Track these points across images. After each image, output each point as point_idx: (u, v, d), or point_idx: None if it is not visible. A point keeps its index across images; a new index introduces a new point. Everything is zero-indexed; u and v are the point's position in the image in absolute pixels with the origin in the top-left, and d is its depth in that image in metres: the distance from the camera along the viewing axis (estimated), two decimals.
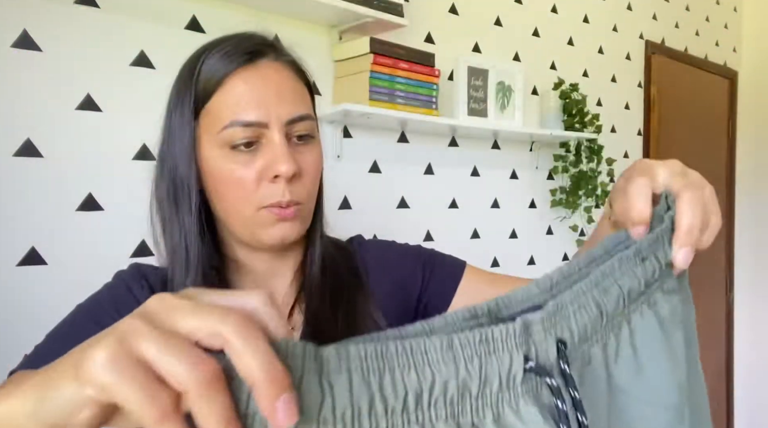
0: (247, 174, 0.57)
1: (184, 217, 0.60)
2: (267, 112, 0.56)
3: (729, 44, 2.86)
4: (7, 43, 0.99)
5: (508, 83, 1.67)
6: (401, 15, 1.38)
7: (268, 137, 0.57)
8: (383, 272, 0.71)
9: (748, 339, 2.91)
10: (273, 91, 0.57)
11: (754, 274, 2.87)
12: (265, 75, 0.58)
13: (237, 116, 0.56)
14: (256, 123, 0.56)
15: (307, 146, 0.60)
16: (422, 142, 1.61)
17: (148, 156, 1.14)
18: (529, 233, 1.91)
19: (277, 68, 0.59)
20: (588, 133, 1.88)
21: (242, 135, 0.56)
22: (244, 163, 0.57)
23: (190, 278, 0.60)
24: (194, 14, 1.19)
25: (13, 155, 1.00)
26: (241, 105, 0.56)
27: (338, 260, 0.69)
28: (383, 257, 0.73)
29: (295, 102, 0.59)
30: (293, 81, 0.60)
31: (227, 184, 0.58)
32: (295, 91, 0.60)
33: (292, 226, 0.59)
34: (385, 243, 0.77)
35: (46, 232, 1.03)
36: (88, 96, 1.07)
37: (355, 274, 0.69)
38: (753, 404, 2.90)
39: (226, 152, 0.57)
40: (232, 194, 0.58)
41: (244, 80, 0.57)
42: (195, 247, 0.60)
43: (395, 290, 0.70)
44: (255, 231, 0.59)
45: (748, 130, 2.89)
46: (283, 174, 0.56)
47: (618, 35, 2.23)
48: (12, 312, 1.00)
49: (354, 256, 0.72)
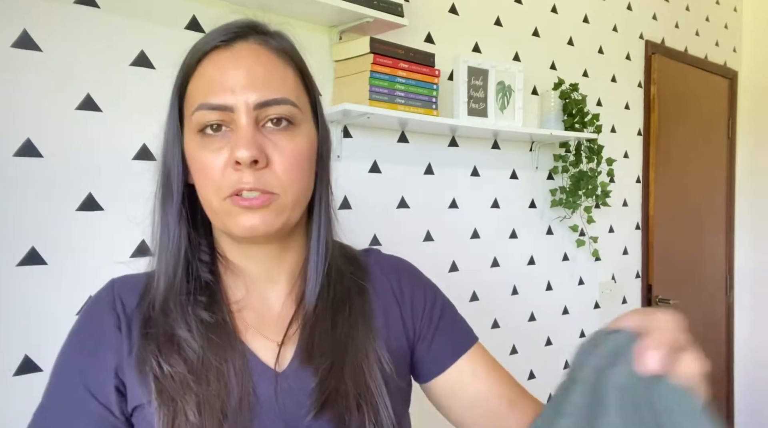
0: (214, 161, 0.54)
1: (167, 206, 0.59)
2: (233, 94, 0.53)
3: (729, 44, 2.86)
4: (7, 43, 0.99)
5: (508, 83, 1.67)
6: (401, 15, 1.38)
7: (235, 122, 0.54)
8: (392, 302, 0.66)
9: (748, 339, 2.91)
10: (242, 73, 0.54)
11: (754, 274, 2.87)
12: (237, 57, 0.55)
13: (204, 99, 0.54)
14: (222, 106, 0.53)
15: (285, 133, 0.56)
16: (422, 142, 1.61)
17: (148, 156, 1.14)
18: (529, 233, 1.91)
19: (254, 50, 0.56)
20: (588, 133, 1.88)
21: (209, 119, 0.54)
22: (212, 149, 0.54)
23: (172, 267, 0.58)
24: (194, 14, 1.19)
25: (13, 155, 1.00)
26: (209, 88, 0.54)
27: (345, 274, 0.65)
28: (399, 287, 0.68)
29: (269, 85, 0.55)
30: (273, 64, 0.56)
31: (198, 172, 0.56)
32: (272, 74, 0.56)
33: (262, 216, 0.54)
34: (404, 268, 0.72)
35: (46, 232, 1.03)
36: (88, 96, 1.07)
37: (360, 293, 0.64)
38: (753, 404, 2.90)
39: (198, 138, 0.55)
40: (202, 183, 0.56)
41: (214, 63, 0.55)
42: (175, 236, 0.58)
43: (396, 325, 0.66)
44: (225, 222, 0.56)
45: (748, 130, 2.89)
46: (241, 160, 0.52)
47: (618, 35, 2.23)
48: (12, 312, 1.00)
49: (365, 272, 0.67)
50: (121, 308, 0.58)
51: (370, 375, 0.58)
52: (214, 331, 0.57)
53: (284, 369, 0.58)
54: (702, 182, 2.67)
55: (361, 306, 0.63)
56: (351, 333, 0.60)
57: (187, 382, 0.53)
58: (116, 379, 0.55)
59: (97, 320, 0.58)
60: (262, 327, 0.60)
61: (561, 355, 2.04)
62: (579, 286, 2.11)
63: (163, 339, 0.55)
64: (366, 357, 0.59)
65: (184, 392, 0.53)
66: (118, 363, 0.56)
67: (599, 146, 1.96)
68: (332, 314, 0.61)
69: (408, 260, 0.74)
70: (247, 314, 0.61)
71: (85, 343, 0.57)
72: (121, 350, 0.56)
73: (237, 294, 0.62)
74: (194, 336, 0.56)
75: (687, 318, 0.52)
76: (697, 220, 2.67)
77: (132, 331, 0.57)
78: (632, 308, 2.34)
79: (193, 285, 0.59)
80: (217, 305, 0.59)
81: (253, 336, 0.59)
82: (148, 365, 0.54)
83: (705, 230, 2.72)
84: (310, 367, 0.58)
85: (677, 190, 2.51)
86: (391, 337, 0.64)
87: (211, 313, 0.58)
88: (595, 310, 2.17)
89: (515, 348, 1.88)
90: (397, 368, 0.63)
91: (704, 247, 2.71)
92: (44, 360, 1.03)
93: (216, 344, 0.56)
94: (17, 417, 1.00)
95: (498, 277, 1.82)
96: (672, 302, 2.41)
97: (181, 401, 0.52)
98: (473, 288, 1.74)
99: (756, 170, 2.85)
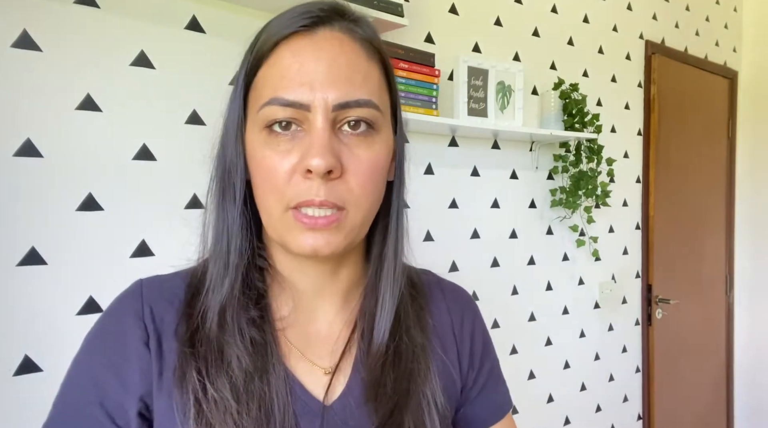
0: (280, 164, 0.47)
1: (229, 207, 0.52)
2: (311, 90, 0.46)
3: (729, 44, 2.86)
4: (7, 43, 0.99)
5: (508, 83, 1.67)
6: (401, 15, 1.38)
7: (310, 122, 0.47)
8: (451, 341, 0.60)
9: (748, 339, 2.91)
10: (324, 66, 0.47)
11: (754, 274, 2.87)
12: (319, 47, 0.47)
13: (276, 93, 0.47)
14: (296, 103, 0.46)
15: (364, 139, 0.49)
16: (422, 142, 1.61)
17: (148, 156, 1.14)
18: (529, 233, 1.91)
19: (338, 40, 0.48)
20: (588, 133, 1.88)
21: (280, 116, 0.47)
22: (279, 151, 0.47)
23: (229, 277, 0.51)
24: (194, 14, 1.19)
25: (13, 155, 1.00)
26: (284, 80, 0.47)
27: (408, 301, 0.58)
28: (460, 326, 0.62)
29: (353, 83, 0.47)
30: (357, 58, 0.49)
31: (260, 174, 0.49)
32: (356, 69, 0.48)
33: (327, 238, 0.47)
34: (468, 305, 0.65)
35: (46, 232, 1.03)
36: (88, 96, 1.07)
37: (422, 324, 0.58)
38: (753, 404, 2.90)
39: (264, 135, 0.48)
40: (262, 187, 0.49)
41: (292, 51, 0.47)
42: (236, 242, 0.51)
43: (453, 369, 0.60)
44: (283, 236, 0.49)
45: (748, 130, 2.89)
46: (314, 169, 0.45)
47: (618, 35, 2.23)
48: (12, 312, 1.00)
49: (426, 299, 0.61)
50: (150, 319, 0.51)
51: (429, 419, 0.53)
52: (260, 352, 0.51)
53: (333, 403, 0.52)
54: (702, 182, 2.67)
55: (422, 339, 0.57)
56: (414, 370, 0.54)
57: (230, 409, 0.47)
58: (141, 403, 0.49)
59: (122, 330, 0.51)
60: (308, 350, 0.54)
61: (561, 355, 2.04)
62: (579, 286, 2.11)
63: (212, 356, 0.49)
64: (427, 399, 0.54)
65: (225, 418, 0.47)
66: (145, 387, 0.50)
67: (599, 146, 1.96)
68: (398, 351, 0.54)
69: (465, 288, 0.69)
70: (290, 334, 0.55)
71: (107, 356, 0.51)
72: (150, 371, 0.50)
73: (283, 310, 0.55)
74: (244, 353, 0.50)
75: (687, 318, 0.51)
76: (697, 220, 2.67)
77: (163, 347, 0.51)
78: (632, 308, 2.35)
79: (247, 295, 0.53)
80: (266, 322, 0.53)
81: (297, 361, 0.53)
82: (191, 384, 0.48)
83: (705, 230, 2.72)
84: (368, 405, 0.52)
85: (677, 190, 2.52)
86: (447, 380, 0.58)
87: (259, 331, 0.52)
88: (595, 310, 2.17)
89: (515, 348, 1.88)
90: (450, 414, 0.58)
91: (704, 247, 2.71)
92: (44, 360, 1.03)
93: (261, 367, 0.50)
94: (17, 417, 1.00)
95: (498, 277, 1.82)
96: (672, 302, 2.41)
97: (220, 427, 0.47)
98: (473, 288, 1.74)
99: (756, 170, 2.85)
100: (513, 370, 1.88)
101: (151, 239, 1.15)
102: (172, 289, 0.54)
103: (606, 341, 2.22)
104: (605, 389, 2.23)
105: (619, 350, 2.29)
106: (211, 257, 0.53)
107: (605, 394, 2.23)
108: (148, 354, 0.50)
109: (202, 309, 0.52)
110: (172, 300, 0.53)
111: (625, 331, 2.32)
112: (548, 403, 2.00)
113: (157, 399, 0.50)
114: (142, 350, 0.50)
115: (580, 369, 2.12)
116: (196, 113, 1.19)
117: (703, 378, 2.73)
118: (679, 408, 2.57)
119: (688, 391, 2.63)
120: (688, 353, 2.62)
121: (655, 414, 2.41)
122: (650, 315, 2.38)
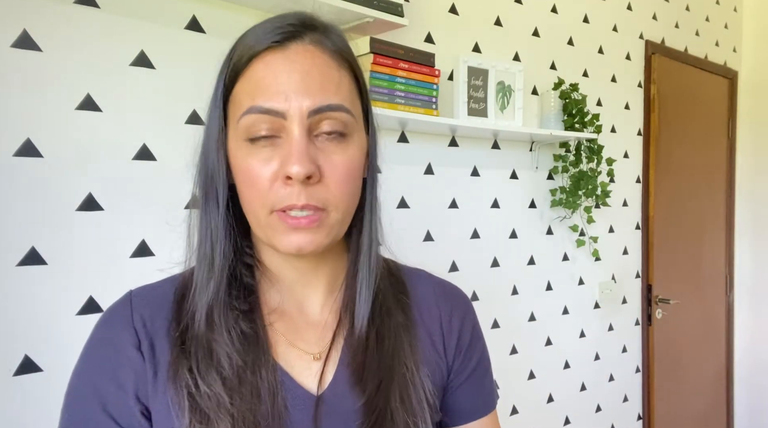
0: (262, 172, 0.50)
1: (212, 212, 0.55)
2: (286, 100, 0.49)
3: (729, 44, 2.86)
4: (7, 43, 0.99)
5: (508, 83, 1.67)
6: (401, 15, 1.38)
7: (287, 131, 0.50)
8: (437, 332, 0.63)
9: (748, 339, 2.91)
10: (297, 77, 0.50)
11: (754, 274, 2.87)
12: (291, 59, 0.51)
13: (254, 102, 0.50)
14: (272, 111, 0.50)
15: (338, 145, 0.52)
16: (422, 142, 1.61)
17: (148, 156, 1.14)
18: (529, 233, 1.91)
19: (310, 52, 0.52)
20: (588, 133, 1.88)
21: (258, 125, 0.50)
22: (260, 158, 0.51)
23: (214, 279, 0.54)
24: (194, 14, 1.19)
25: (13, 155, 1.00)
26: (259, 91, 0.50)
27: (389, 289, 0.62)
28: (449, 319, 0.65)
29: (326, 91, 0.51)
30: (328, 68, 0.52)
31: (244, 181, 0.52)
32: (328, 79, 0.52)
33: (310, 236, 0.51)
34: (459, 299, 0.68)
35: (46, 232, 1.03)
36: (88, 96, 1.07)
37: (405, 311, 0.61)
38: (753, 404, 2.90)
39: (245, 144, 0.51)
40: (247, 193, 0.52)
41: (266, 63, 0.51)
42: (220, 245, 0.54)
43: (439, 358, 0.62)
44: (270, 237, 0.53)
45: (748, 130, 2.89)
46: (294, 175, 0.49)
47: (618, 35, 2.23)
48: (12, 312, 1.00)
49: (408, 291, 0.64)
50: (141, 325, 0.54)
51: (416, 398, 0.56)
52: (251, 344, 0.54)
53: (324, 391, 0.55)
54: (702, 182, 2.67)
55: (405, 326, 0.60)
56: (396, 347, 0.58)
57: (223, 401, 0.50)
58: (140, 404, 0.52)
59: (113, 338, 0.54)
60: (297, 339, 0.58)
61: (561, 355, 2.04)
62: (579, 286, 2.11)
63: (202, 354, 0.52)
64: (411, 372, 0.57)
65: (219, 410, 0.50)
66: (140, 389, 0.52)
67: (599, 146, 1.97)
68: (380, 333, 0.58)
69: (460, 287, 0.72)
70: (280, 325, 0.58)
71: (102, 364, 0.53)
72: (144, 374, 0.53)
73: (272, 302, 0.59)
74: (233, 350, 0.53)
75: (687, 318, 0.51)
76: (697, 220, 2.67)
77: (155, 349, 0.54)
78: (632, 308, 2.35)
79: (235, 291, 0.56)
80: (256, 315, 0.56)
81: (285, 349, 0.56)
82: (183, 381, 0.51)
83: (705, 230, 2.72)
84: (356, 388, 0.55)
85: (677, 190, 2.52)
86: (433, 365, 0.61)
87: (250, 323, 0.55)
88: (595, 310, 2.17)
89: (515, 348, 1.88)
90: (436, 401, 0.60)
91: (704, 247, 2.71)
92: (44, 360, 1.03)
93: (251, 359, 0.53)
94: (17, 417, 1.00)
95: (498, 277, 1.82)
96: (672, 302, 2.41)
97: (216, 419, 0.50)
98: (473, 288, 1.74)
99: (756, 170, 2.85)
100: (513, 370, 1.88)
101: (151, 239, 1.15)
102: (161, 295, 0.57)
103: (606, 341, 2.22)
104: (605, 389, 2.23)
105: (619, 350, 2.29)
106: (197, 260, 0.56)
107: (605, 394, 2.23)
108: (141, 357, 0.53)
109: (191, 310, 0.54)
110: (162, 305, 0.56)
111: (625, 331, 2.32)
112: (548, 403, 2.00)
113: (154, 398, 0.52)
114: (134, 354, 0.53)
115: (580, 369, 2.12)
116: (196, 113, 1.19)
117: (703, 378, 2.73)
118: (679, 408, 2.57)
119: (688, 391, 2.63)
120: (688, 353, 2.62)
121: (655, 414, 2.41)
122: (650, 315, 2.38)
